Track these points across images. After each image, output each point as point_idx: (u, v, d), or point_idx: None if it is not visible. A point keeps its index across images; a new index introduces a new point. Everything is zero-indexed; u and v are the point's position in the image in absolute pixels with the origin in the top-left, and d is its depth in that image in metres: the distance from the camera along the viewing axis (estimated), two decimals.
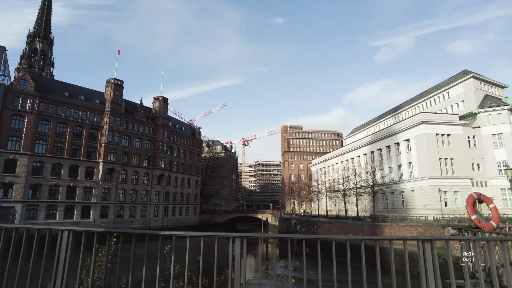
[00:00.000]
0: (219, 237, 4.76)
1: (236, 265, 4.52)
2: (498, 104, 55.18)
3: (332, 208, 77.55)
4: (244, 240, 4.54)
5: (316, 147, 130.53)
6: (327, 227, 48.31)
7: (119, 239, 4.73)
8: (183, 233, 4.61)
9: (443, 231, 32.00)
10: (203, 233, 4.68)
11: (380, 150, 63.84)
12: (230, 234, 4.56)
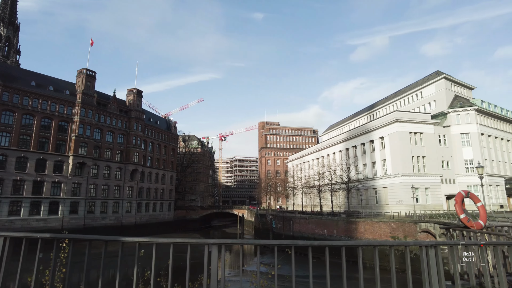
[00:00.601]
0: (192, 244, 4.14)
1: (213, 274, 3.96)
2: (466, 104, 57.41)
3: (308, 204, 78.39)
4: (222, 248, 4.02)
5: (292, 143, 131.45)
6: (303, 223, 48.60)
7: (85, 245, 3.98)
8: (148, 239, 4.02)
9: (415, 227, 32.85)
10: (172, 239, 4.07)
11: (355, 147, 64.94)
12: (206, 241, 4.05)
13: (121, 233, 60.81)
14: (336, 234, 42.33)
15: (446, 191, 53.75)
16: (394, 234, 35.35)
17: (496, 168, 58.12)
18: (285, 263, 22.63)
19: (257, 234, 64.15)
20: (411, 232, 33.44)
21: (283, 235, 51.36)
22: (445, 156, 55.31)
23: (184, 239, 4.08)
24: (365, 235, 38.76)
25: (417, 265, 16.23)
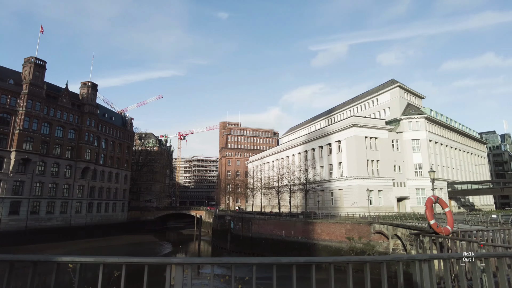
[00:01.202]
0: (151, 265, 3.40)
1: None
2: (417, 112, 61.02)
3: (266, 205, 78.80)
4: (190, 269, 3.40)
5: (253, 144, 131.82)
6: (261, 224, 48.53)
7: None
8: (93, 259, 3.26)
9: (370, 228, 34.01)
10: (125, 258, 3.33)
11: (313, 149, 66.37)
12: (168, 261, 3.39)
13: (69, 235, 56.86)
14: (294, 235, 42.73)
15: (397, 194, 56.68)
16: (349, 235, 36.37)
17: (441, 172, 62.31)
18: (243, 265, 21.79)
19: (215, 236, 63.14)
20: (366, 233, 34.61)
21: (242, 236, 50.95)
22: (397, 161, 58.29)
23: (141, 259, 3.37)
24: (322, 236, 39.51)
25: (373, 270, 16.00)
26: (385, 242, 31.52)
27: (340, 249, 36.67)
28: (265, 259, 3.56)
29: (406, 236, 25.80)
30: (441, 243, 6.39)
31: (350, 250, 35.50)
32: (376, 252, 32.06)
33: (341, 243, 37.05)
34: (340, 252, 36.41)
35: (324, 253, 37.88)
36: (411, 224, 25.36)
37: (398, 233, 27.87)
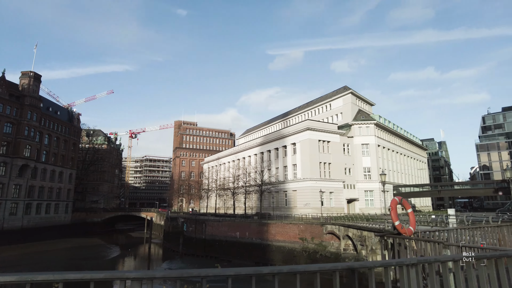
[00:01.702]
0: (98, 280, 2.64)
1: None
2: (367, 118, 64.29)
3: (221, 206, 78.07)
4: (150, 285, 2.73)
5: (209, 145, 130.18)
6: (216, 226, 47.82)
7: None
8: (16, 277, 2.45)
9: (322, 228, 34.94)
10: (62, 275, 2.55)
11: (269, 151, 67.08)
12: (122, 275, 2.70)
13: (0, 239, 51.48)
14: (248, 236, 42.64)
15: (347, 196, 59.16)
16: (302, 235, 37.07)
17: (387, 176, 65.93)
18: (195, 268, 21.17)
19: (166, 238, 61.09)
20: (318, 234, 35.51)
21: (195, 238, 49.80)
22: (348, 164, 60.86)
23: (84, 274, 2.59)
24: (276, 236, 39.86)
25: None
26: (336, 243, 32.57)
27: (293, 249, 37.25)
28: (243, 270, 3.05)
29: (357, 237, 26.86)
30: (399, 243, 6.40)
31: (303, 251, 36.21)
32: (328, 252, 33.04)
33: (294, 243, 37.64)
34: (293, 253, 37.00)
35: (278, 253, 38.25)
36: (361, 225, 26.51)
37: (350, 233, 28.95)
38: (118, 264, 47.83)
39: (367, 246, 24.52)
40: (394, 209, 6.93)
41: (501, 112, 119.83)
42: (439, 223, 25.28)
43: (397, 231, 6.81)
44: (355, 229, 27.36)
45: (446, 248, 5.45)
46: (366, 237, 24.71)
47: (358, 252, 26.62)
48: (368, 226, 24.82)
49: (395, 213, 6.90)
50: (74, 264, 43.01)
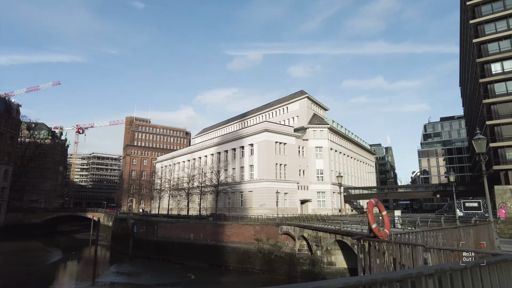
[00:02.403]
0: None
1: None
2: (322, 123, 66.49)
3: (174, 207, 75.97)
4: None
5: (163, 143, 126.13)
6: (169, 227, 46.22)
7: None
8: None
9: (277, 229, 35.27)
10: None
11: (226, 151, 66.63)
12: None
13: None
14: (203, 237, 41.78)
15: (301, 197, 60.64)
16: (258, 236, 37.13)
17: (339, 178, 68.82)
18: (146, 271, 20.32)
19: (115, 240, 57.87)
20: (273, 234, 35.78)
21: (146, 240, 47.72)
22: (302, 166, 62.43)
23: None
24: (231, 238, 39.49)
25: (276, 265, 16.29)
26: (291, 243, 33.05)
27: (248, 250, 37.16)
28: None
29: (312, 237, 27.45)
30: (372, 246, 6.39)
31: (258, 252, 36.27)
32: (283, 252, 33.42)
33: (249, 244, 37.57)
34: (248, 254, 36.91)
35: (233, 255, 37.93)
36: (317, 225, 27.18)
37: (305, 234, 29.52)
38: (59, 269, 44.27)
39: (322, 246, 25.16)
40: (371, 211, 6.86)
41: (440, 121, 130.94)
42: None
43: (373, 234, 6.76)
44: (311, 229, 27.96)
45: (427, 251, 5.53)
46: (322, 237, 25.36)
47: (313, 252, 27.23)
48: (323, 227, 25.48)
49: (372, 215, 6.83)
50: (7, 272, 39.00)
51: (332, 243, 23.59)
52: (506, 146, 41.40)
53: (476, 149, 13.96)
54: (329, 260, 24.52)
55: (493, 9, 46.78)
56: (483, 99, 44.46)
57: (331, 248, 24.20)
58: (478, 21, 46.77)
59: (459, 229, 9.98)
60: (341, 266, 24.24)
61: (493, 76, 44.20)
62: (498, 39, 45.16)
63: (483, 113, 45.61)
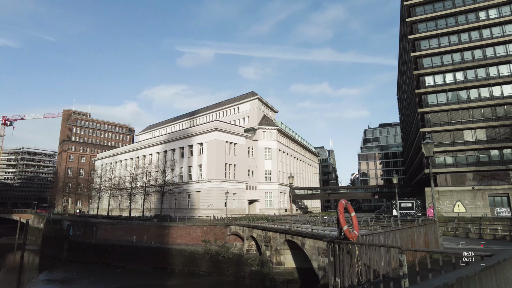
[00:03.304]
0: None
1: None
2: (271, 124, 67.51)
3: (115, 208, 71.79)
4: None
5: (104, 139, 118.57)
6: (109, 229, 43.41)
7: None
8: None
9: (226, 230, 34.91)
10: None
11: (174, 150, 64.55)
12: None
13: None
14: (147, 240, 39.91)
15: (249, 197, 60.92)
16: (205, 237, 36.42)
17: (286, 179, 70.46)
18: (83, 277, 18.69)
19: (46, 244, 52.86)
20: (222, 235, 35.37)
21: (83, 243, 44.28)
22: (251, 166, 62.77)
23: None
24: (177, 239, 38.26)
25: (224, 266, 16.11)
26: (240, 244, 32.90)
27: (195, 252, 36.29)
28: None
29: (261, 238, 27.53)
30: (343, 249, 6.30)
31: (205, 253, 35.58)
32: (231, 253, 33.14)
33: (196, 246, 36.71)
34: (195, 256, 36.03)
35: (179, 257, 36.76)
36: (267, 225, 27.32)
37: (254, 234, 29.52)
38: None
39: (271, 246, 25.33)
40: (342, 213, 6.75)
41: (378, 127, 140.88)
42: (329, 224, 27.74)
43: (344, 236, 6.67)
44: (260, 230, 28.04)
45: (402, 253, 5.56)
46: (271, 237, 25.53)
47: (262, 253, 27.31)
48: (273, 227, 25.69)
49: (343, 216, 6.72)
50: None
51: (281, 243, 23.86)
52: (436, 152, 45.56)
53: (425, 153, 15.08)
54: (278, 260, 24.79)
55: (427, 28, 51.38)
56: (418, 108, 48.53)
57: (281, 248, 24.48)
58: (415, 37, 51.02)
59: (413, 229, 10.60)
60: (289, 266, 24.65)
61: (427, 88, 48.47)
62: (431, 54, 49.66)
63: (418, 121, 49.80)
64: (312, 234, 18.52)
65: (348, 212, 6.76)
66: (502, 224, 28.71)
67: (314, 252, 18.33)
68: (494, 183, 42.81)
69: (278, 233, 24.16)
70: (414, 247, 9.37)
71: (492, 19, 47.73)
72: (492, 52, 47.04)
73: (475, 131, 45.31)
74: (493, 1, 47.80)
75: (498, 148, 43.84)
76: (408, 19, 51.90)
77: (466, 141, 45.46)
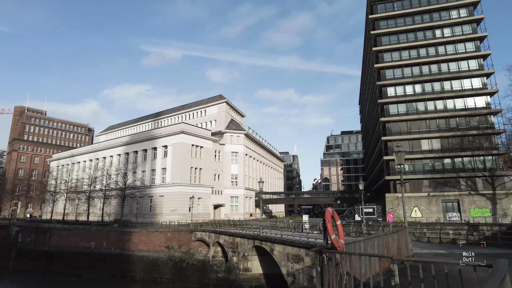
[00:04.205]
0: None
1: None
2: (239, 128, 67.39)
3: (71, 212, 67.71)
4: None
5: (61, 139, 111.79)
6: (65, 235, 40.71)
7: None
8: None
9: (191, 236, 34.05)
10: None
11: (136, 152, 62.27)
12: None
13: None
14: (106, 246, 37.89)
15: (215, 201, 60.14)
16: (169, 244, 35.29)
17: (252, 183, 70.62)
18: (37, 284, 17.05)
19: None
20: (186, 241, 34.44)
21: (34, 251, 41.10)
22: (218, 170, 62.11)
23: None
24: (139, 246, 36.73)
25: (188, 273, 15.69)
26: (205, 250, 32.22)
27: (158, 259, 35.02)
28: None
29: (228, 244, 27.07)
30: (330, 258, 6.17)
31: (169, 260, 34.46)
32: (196, 260, 32.35)
33: (159, 252, 35.46)
34: (157, 262, 34.77)
35: (140, 264, 35.27)
36: (235, 231, 26.90)
37: (221, 240, 29.00)
38: None
39: (239, 252, 24.97)
40: (330, 221, 6.58)
41: (340, 135, 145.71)
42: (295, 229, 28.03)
43: (331, 246, 6.52)
44: (228, 235, 27.59)
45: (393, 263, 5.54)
46: (239, 243, 25.19)
47: (228, 259, 26.87)
48: (241, 232, 25.35)
49: (331, 225, 6.57)
50: None
51: (249, 249, 23.62)
52: (395, 160, 47.81)
53: (396, 160, 15.64)
54: (246, 266, 24.49)
55: (390, 41, 54.10)
56: (380, 117, 50.75)
57: (248, 254, 24.22)
58: (379, 49, 53.47)
59: (388, 236, 10.90)
60: (257, 272, 24.46)
61: (389, 98, 50.88)
62: (393, 67, 52.29)
63: (379, 129, 52.05)
64: (282, 240, 18.50)
65: (334, 220, 6.67)
66: (453, 228, 30.90)
67: (283, 258, 18.32)
68: (446, 189, 45.68)
69: (246, 239, 23.91)
70: (389, 253, 9.64)
71: (446, 37, 51.26)
72: (446, 68, 50.47)
73: (431, 141, 48.18)
74: (447, 21, 51.39)
75: (451, 157, 46.93)
76: (373, 32, 54.29)
77: (423, 149, 48.19)
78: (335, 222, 6.77)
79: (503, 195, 42.83)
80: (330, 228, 6.31)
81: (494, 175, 44.17)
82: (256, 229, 26.08)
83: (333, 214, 6.68)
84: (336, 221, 6.82)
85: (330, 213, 6.57)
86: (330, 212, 6.59)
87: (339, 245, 6.25)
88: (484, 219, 40.13)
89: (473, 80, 48.97)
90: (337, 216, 6.92)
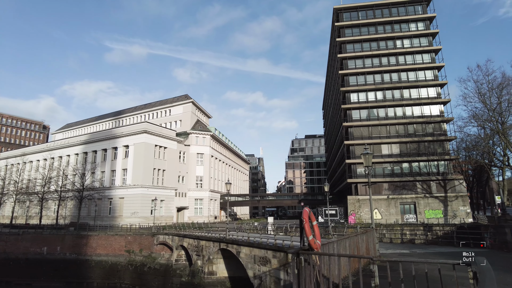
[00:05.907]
0: None
1: None
2: (205, 129, 66.40)
3: (21, 215, 62.96)
4: None
5: (10, 136, 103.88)
6: (12, 240, 37.56)
7: None
8: None
9: (153, 239, 32.82)
10: None
11: (95, 152, 59.30)
12: None
13: None
14: (61, 251, 35.47)
15: (178, 204, 58.65)
16: (130, 247, 33.77)
17: (217, 185, 69.80)
18: None
19: None
20: (148, 245, 33.14)
21: None
22: (182, 172, 60.68)
23: None
24: (97, 250, 34.79)
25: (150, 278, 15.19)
26: (168, 253, 31.16)
27: (117, 263, 33.38)
28: None
29: (193, 247, 26.34)
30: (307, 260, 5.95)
31: (129, 264, 32.98)
32: (158, 264, 31.20)
33: (119, 257, 33.82)
34: (117, 267, 33.12)
35: (98, 269, 33.40)
36: (200, 234, 26.21)
37: (185, 243, 28.13)
38: None
39: (204, 256, 24.33)
40: (308, 222, 6.37)
41: (304, 138, 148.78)
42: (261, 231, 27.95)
43: (308, 247, 6.32)
44: (192, 238, 26.83)
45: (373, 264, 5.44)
46: (204, 246, 24.56)
47: (193, 262, 26.10)
48: (207, 235, 24.72)
49: (309, 226, 6.36)
50: None
51: (215, 252, 23.10)
52: (357, 163, 49.50)
53: (364, 162, 15.90)
54: (211, 269, 23.92)
55: (354, 49, 56.03)
56: (343, 122, 52.30)
57: (214, 257, 23.68)
58: (344, 56, 55.19)
59: (358, 236, 11.03)
60: (222, 275, 23.97)
61: (352, 104, 52.60)
62: (357, 74, 54.18)
63: (342, 134, 53.62)
64: (249, 242, 18.25)
65: (310, 221, 6.52)
66: (410, 229, 32.59)
67: (250, 260, 18.07)
68: (404, 192, 47.96)
69: (212, 241, 23.36)
70: (359, 253, 9.74)
71: (406, 48, 54.03)
72: (406, 77, 53.16)
73: (391, 146, 50.39)
74: (407, 33, 54.23)
75: (408, 161, 49.37)
76: (338, 39, 55.95)
77: (383, 154, 50.25)
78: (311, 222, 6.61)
79: (453, 197, 45.75)
80: (308, 229, 6.15)
81: (446, 179, 47.07)
82: (221, 232, 25.62)
83: (310, 215, 6.52)
84: (313, 222, 6.68)
85: (307, 213, 6.41)
86: (307, 212, 6.43)
87: (316, 246, 6.12)
88: (437, 220, 42.63)
89: (429, 89, 51.95)
90: (313, 217, 6.77)
